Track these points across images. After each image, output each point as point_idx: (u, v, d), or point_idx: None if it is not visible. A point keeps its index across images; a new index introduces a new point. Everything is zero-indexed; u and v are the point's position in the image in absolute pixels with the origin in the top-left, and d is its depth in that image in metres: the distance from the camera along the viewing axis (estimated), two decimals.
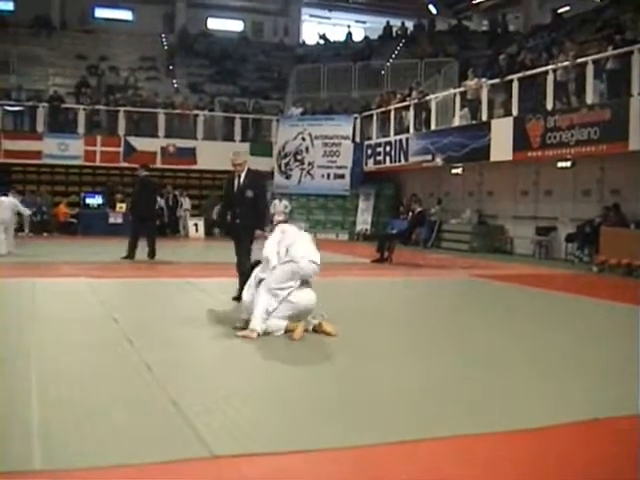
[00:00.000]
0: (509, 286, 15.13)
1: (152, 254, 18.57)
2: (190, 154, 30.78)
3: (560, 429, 5.30)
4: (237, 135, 32.47)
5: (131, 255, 18.38)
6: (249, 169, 11.57)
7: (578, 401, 6.07)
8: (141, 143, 30.58)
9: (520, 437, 5.13)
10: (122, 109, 31.35)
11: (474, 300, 13.13)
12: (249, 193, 11.38)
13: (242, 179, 11.42)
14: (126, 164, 29.68)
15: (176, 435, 4.89)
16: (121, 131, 30.84)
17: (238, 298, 10.57)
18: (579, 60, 20.21)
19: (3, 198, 20.20)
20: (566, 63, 20.59)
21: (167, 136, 31.35)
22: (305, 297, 8.85)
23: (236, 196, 11.43)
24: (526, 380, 6.80)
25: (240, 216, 11.39)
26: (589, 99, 19.72)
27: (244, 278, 10.57)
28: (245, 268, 10.79)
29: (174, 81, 38.86)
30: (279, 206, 10.70)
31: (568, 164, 21.38)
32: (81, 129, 30.65)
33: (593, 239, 19.54)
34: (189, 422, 5.13)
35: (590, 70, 19.80)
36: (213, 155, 30.25)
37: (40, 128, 30.12)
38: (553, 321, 10.86)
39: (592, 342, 8.99)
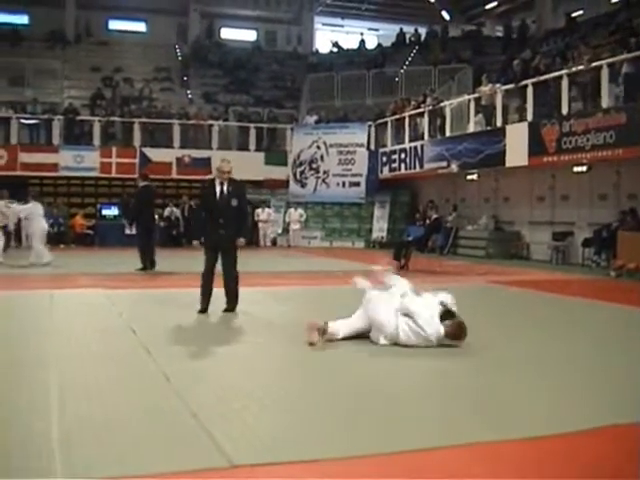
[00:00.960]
0: (526, 292, 15.06)
1: (152, 264, 18.54)
2: (205, 164, 30.73)
3: (582, 436, 5.29)
4: (252, 144, 32.56)
5: (147, 266, 18.43)
6: (231, 178, 11.24)
7: (595, 407, 6.04)
8: (156, 154, 30.69)
9: (546, 442, 5.12)
10: (137, 120, 31.51)
11: (490, 307, 13.06)
12: (234, 202, 11.14)
13: (226, 187, 11.12)
14: None
15: (195, 445, 4.90)
16: (136, 142, 30.99)
17: (228, 309, 11.15)
18: (594, 64, 20.17)
19: (30, 205, 20.33)
20: (581, 67, 20.55)
21: (182, 147, 31.46)
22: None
23: (219, 205, 11.12)
24: (542, 386, 6.78)
25: (225, 226, 11.13)
26: (604, 103, 19.68)
27: (234, 288, 11.24)
28: (234, 278, 11.31)
29: (188, 91, 38.99)
30: (294, 215, 10.73)
31: (584, 169, 21.35)
32: (96, 141, 30.82)
33: (610, 244, 19.51)
34: (208, 432, 5.13)
35: (605, 74, 19.76)
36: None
37: (56, 141, 30.32)
38: (571, 327, 10.81)
39: (612, 348, 8.94)
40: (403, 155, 29.28)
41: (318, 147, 31.73)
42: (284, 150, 33.05)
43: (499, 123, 23.96)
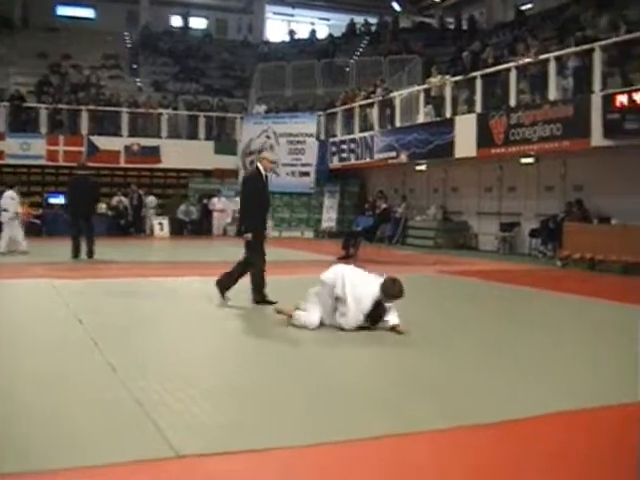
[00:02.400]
0: (474, 282, 15.17)
1: (90, 254, 18.33)
2: (154, 153, 30.64)
3: (533, 421, 5.35)
4: (201, 133, 32.44)
5: (75, 254, 18.29)
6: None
7: (545, 393, 6.10)
8: (104, 142, 30.37)
9: (498, 429, 5.17)
10: (85, 108, 31.12)
11: (439, 296, 13.13)
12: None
13: (268, 178, 11.33)
14: (90, 163, 29.40)
15: (141, 435, 4.86)
16: (84, 130, 30.59)
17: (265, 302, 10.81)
18: (541, 57, 20.35)
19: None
20: (529, 60, 20.73)
21: (131, 135, 31.18)
22: None
23: (267, 197, 11.49)
24: (491, 373, 6.85)
25: (265, 218, 11.45)
26: (552, 96, 19.87)
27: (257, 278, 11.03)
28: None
29: (137, 79, 38.68)
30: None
31: (531, 160, 21.55)
32: (43, 129, 30.38)
33: (556, 234, 19.70)
34: (154, 422, 5.10)
35: (552, 67, 19.95)
36: (177, 153, 30.35)
37: (1, 128, 29.81)
38: (517, 316, 10.96)
39: (558, 335, 9.07)
40: (353, 145, 29.28)
41: (268, 137, 31.55)
42: (234, 139, 32.92)
43: (448, 114, 24.04)
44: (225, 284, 11.13)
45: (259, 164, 11.29)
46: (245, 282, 11.09)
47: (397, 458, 4.65)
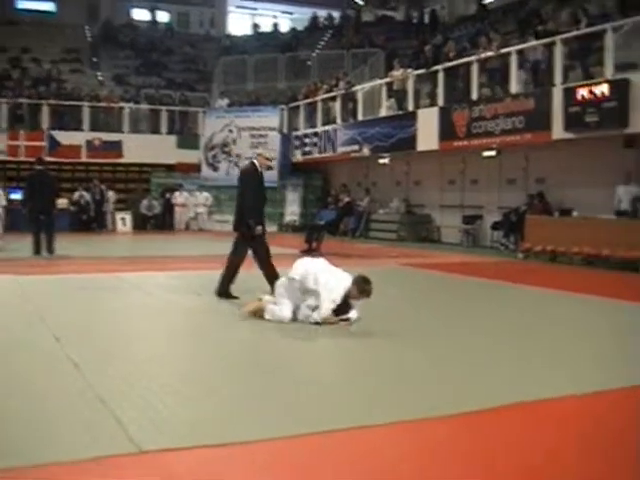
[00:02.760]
0: (436, 274, 15.23)
1: (50, 250, 18.13)
2: (116, 147, 30.42)
3: (494, 412, 5.35)
4: (163, 128, 32.27)
5: (36, 251, 18.08)
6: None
7: (504, 384, 6.10)
8: (65, 137, 30.11)
9: (457, 420, 5.17)
10: (45, 102, 30.79)
11: (401, 288, 13.11)
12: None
13: (261, 176, 11.31)
14: (51, 158, 29.13)
15: (103, 432, 4.77)
16: (45, 125, 30.29)
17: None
18: (503, 50, 20.44)
19: None
20: (490, 53, 20.80)
21: (92, 129, 30.94)
22: None
23: (263, 193, 11.38)
24: (451, 365, 6.84)
25: (263, 213, 11.36)
26: (513, 89, 19.96)
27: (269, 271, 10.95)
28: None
29: (99, 73, 38.34)
30: (200, 198, 10.73)
31: (493, 153, 21.62)
32: (3, 123, 30.04)
33: (518, 227, 19.82)
34: (117, 418, 5.05)
35: (514, 60, 20.04)
36: (139, 148, 30.17)
37: None
38: (479, 308, 11.00)
39: (518, 327, 9.13)
40: (316, 139, 29.27)
41: (230, 130, 31.49)
42: (196, 133, 32.78)
43: (411, 108, 24.07)
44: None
45: (255, 160, 11.27)
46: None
47: (371, 449, 4.62)
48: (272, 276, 10.68)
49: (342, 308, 8.76)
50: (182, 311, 10.20)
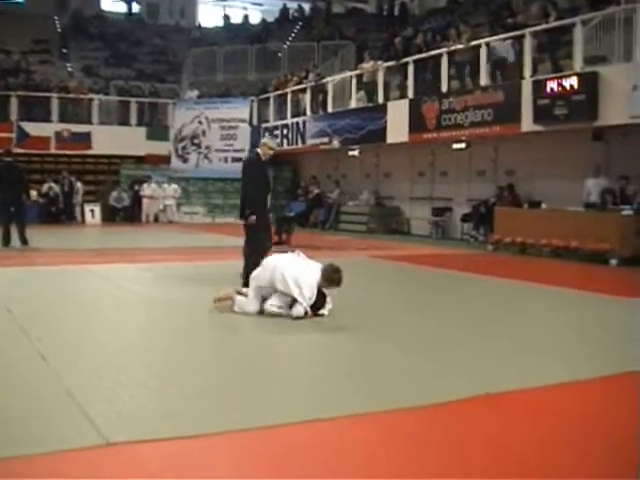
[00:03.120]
0: (405, 266, 15.30)
1: (24, 241, 17.98)
2: (85, 139, 30.14)
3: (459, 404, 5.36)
4: (133, 119, 31.99)
5: (5, 242, 18.02)
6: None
7: (469, 377, 6.12)
8: (34, 128, 29.74)
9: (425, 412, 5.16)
10: (14, 94, 30.41)
11: (370, 280, 13.18)
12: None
13: (265, 166, 11.40)
14: (20, 150, 28.85)
15: (70, 424, 4.74)
16: (13, 116, 29.93)
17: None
18: (473, 43, 20.47)
19: None
20: (460, 46, 20.82)
21: (61, 121, 30.61)
22: None
23: (269, 183, 11.62)
24: (419, 357, 6.86)
25: (266, 204, 11.56)
26: (483, 81, 20.00)
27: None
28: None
29: (68, 64, 37.98)
30: (168, 190, 10.63)
31: (463, 145, 21.69)
32: None
33: (488, 219, 19.90)
34: (83, 410, 5.01)
35: (484, 53, 20.07)
36: (109, 140, 29.90)
37: None
38: (446, 299, 11.05)
39: (486, 318, 9.17)
40: (285, 131, 29.22)
41: (200, 122, 31.34)
42: (166, 125, 32.59)
43: (381, 100, 24.07)
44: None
45: (259, 150, 11.28)
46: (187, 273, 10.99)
47: (345, 441, 4.63)
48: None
49: (320, 299, 8.71)
50: (153, 303, 10.16)
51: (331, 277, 8.65)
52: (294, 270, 8.70)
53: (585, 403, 5.58)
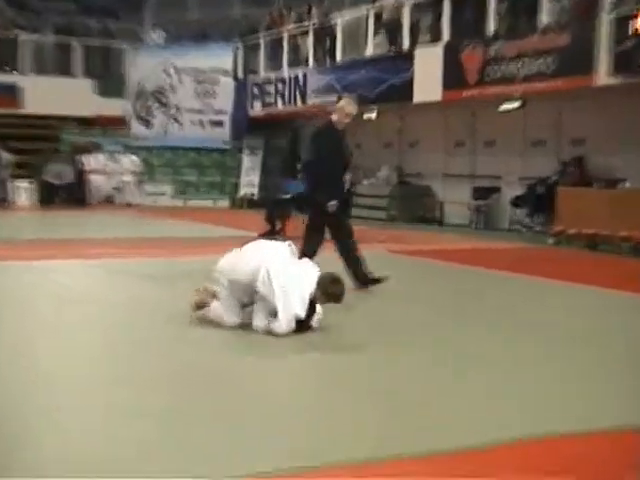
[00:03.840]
0: (434, 264, 15.37)
1: None
2: (10, 93, 29.94)
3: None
4: (77, 68, 31.95)
5: None
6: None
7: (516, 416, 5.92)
8: None
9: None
10: None
11: (390, 283, 12.85)
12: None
13: (343, 135, 11.43)
14: None
15: None
16: None
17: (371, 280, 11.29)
18: None
19: None
20: None
21: None
22: None
23: (344, 156, 11.55)
24: (459, 387, 6.70)
25: (342, 185, 11.59)
26: (543, 20, 19.73)
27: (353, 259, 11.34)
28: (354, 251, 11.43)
29: None
30: (125, 162, 10.38)
31: (515, 105, 21.31)
32: None
33: (547, 203, 19.71)
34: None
35: None
36: (45, 95, 29.64)
37: None
38: (493, 311, 10.81)
39: (553, 342, 8.83)
40: (281, 86, 29.22)
41: (167, 74, 31.36)
42: (121, 77, 32.65)
43: (406, 45, 23.89)
44: (361, 277, 11.43)
45: (333, 116, 11.32)
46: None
47: None
48: (359, 273, 11.17)
49: (308, 315, 8.61)
50: (103, 307, 10.19)
51: (328, 290, 8.49)
52: (283, 270, 8.52)
53: None
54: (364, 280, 11.25)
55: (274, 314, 8.48)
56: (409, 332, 9.03)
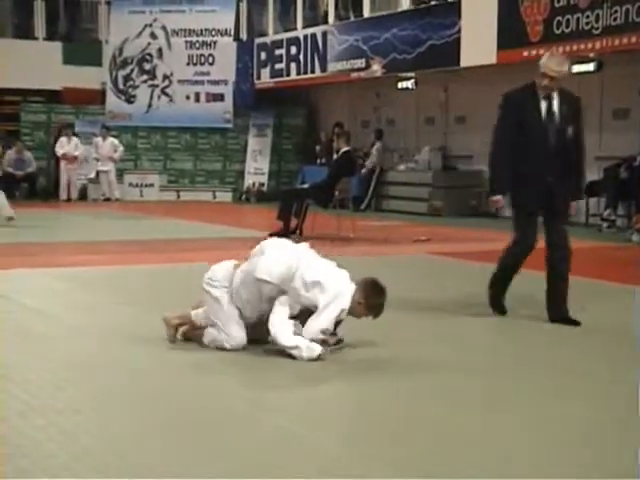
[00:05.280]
0: (490, 268, 14.79)
1: None
2: None
3: None
4: (39, 29, 32.14)
5: None
6: (561, 88, 10.20)
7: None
8: None
9: None
10: None
11: (435, 292, 12.88)
12: (569, 130, 10.17)
13: (556, 103, 10.13)
14: None
15: None
16: None
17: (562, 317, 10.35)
18: None
19: None
20: None
21: None
22: None
23: (546, 133, 10.13)
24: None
25: (552, 171, 10.12)
26: None
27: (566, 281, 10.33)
28: (567, 263, 10.33)
29: None
30: (104, 147, 10.09)
31: (590, 68, 21.28)
32: None
33: (632, 191, 19.56)
34: None
35: None
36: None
37: None
38: (564, 330, 10.38)
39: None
40: (294, 49, 29.35)
41: (154, 35, 31.55)
42: (96, 39, 32.94)
43: None
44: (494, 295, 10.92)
45: (537, 79, 10.24)
46: None
47: None
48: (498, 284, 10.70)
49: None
50: (75, 334, 9.94)
51: (373, 301, 8.52)
52: (319, 266, 8.69)
53: None
54: (492, 302, 10.85)
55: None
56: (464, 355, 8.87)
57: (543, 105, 10.10)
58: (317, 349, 8.25)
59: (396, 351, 8.92)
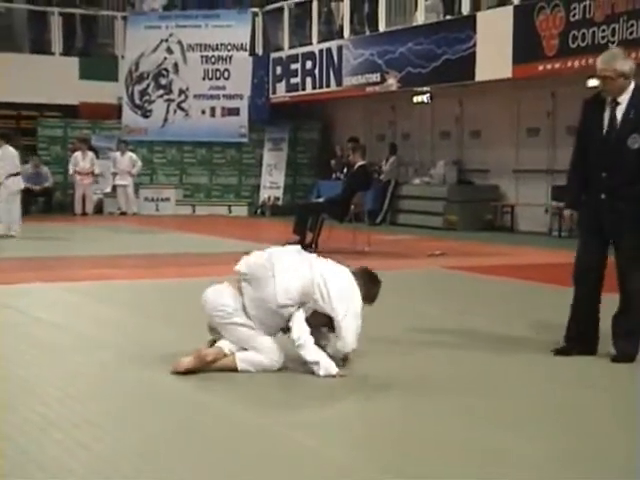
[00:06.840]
0: (508, 283, 15.04)
1: None
2: None
3: None
4: (56, 43, 31.99)
5: None
6: (636, 88, 8.84)
7: None
8: None
9: None
10: None
11: (449, 308, 12.64)
12: (636, 141, 8.80)
13: (623, 110, 8.85)
14: None
15: None
16: None
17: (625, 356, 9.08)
18: None
19: None
20: None
21: None
22: None
23: (606, 144, 8.96)
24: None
25: (614, 186, 8.91)
26: None
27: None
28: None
29: None
30: (122, 162, 10.04)
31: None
32: None
33: None
34: None
35: None
36: (16, 78, 29.62)
37: None
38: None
39: None
40: (310, 63, 29.26)
41: (170, 50, 31.53)
42: (112, 55, 32.87)
43: (466, 10, 23.88)
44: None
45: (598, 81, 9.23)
46: None
47: None
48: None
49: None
50: (89, 352, 9.77)
51: (369, 290, 8.67)
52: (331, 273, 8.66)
53: None
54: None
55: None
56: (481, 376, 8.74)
57: (607, 114, 8.95)
58: (334, 370, 8.20)
59: (414, 368, 8.83)
